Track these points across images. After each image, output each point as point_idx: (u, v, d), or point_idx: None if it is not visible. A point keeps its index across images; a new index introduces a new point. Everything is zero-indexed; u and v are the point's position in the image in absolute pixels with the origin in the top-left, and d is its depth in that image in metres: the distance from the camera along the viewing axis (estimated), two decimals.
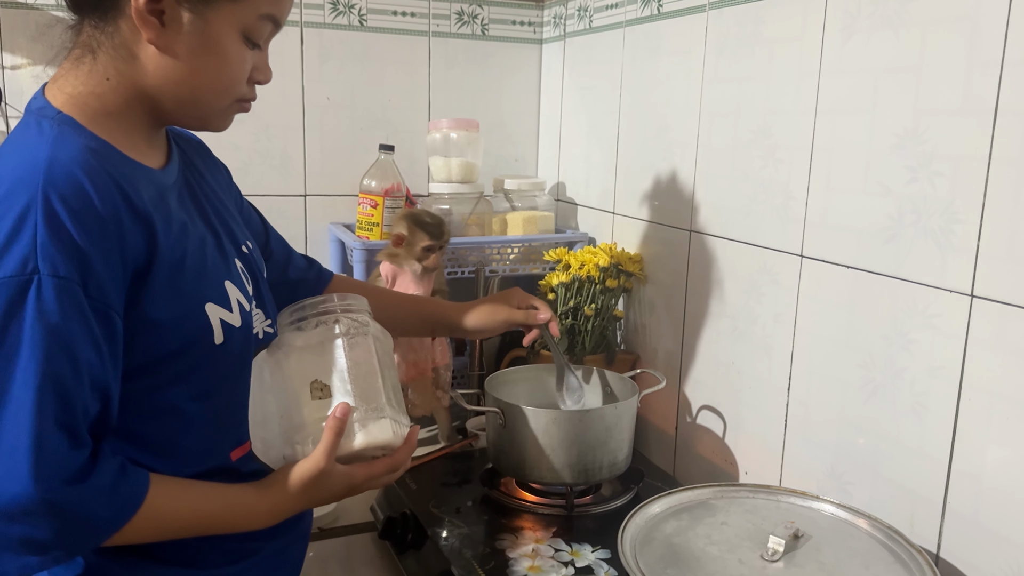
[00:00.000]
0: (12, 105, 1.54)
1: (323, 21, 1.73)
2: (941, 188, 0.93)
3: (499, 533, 1.09)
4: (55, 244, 0.65)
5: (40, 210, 0.65)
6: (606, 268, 1.48)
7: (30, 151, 0.70)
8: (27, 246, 0.64)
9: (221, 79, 0.78)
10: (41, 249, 0.65)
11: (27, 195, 0.66)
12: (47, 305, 0.65)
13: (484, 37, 1.86)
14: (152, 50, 0.74)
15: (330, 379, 0.86)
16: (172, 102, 0.77)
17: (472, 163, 1.69)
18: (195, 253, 0.78)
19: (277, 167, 1.74)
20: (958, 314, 0.92)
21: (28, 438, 0.64)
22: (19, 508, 0.64)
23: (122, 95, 0.76)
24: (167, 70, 0.75)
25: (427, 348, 1.46)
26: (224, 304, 0.79)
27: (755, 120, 1.21)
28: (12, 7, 1.52)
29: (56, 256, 0.65)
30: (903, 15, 0.97)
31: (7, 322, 0.64)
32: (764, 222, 1.21)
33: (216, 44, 0.75)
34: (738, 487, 1.07)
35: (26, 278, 0.64)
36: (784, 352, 1.18)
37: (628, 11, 1.54)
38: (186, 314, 0.76)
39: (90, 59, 0.75)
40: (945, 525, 0.95)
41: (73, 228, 0.66)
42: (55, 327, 0.65)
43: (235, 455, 0.83)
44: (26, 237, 0.65)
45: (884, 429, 1.03)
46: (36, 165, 0.68)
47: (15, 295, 0.64)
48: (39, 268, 0.64)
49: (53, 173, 0.67)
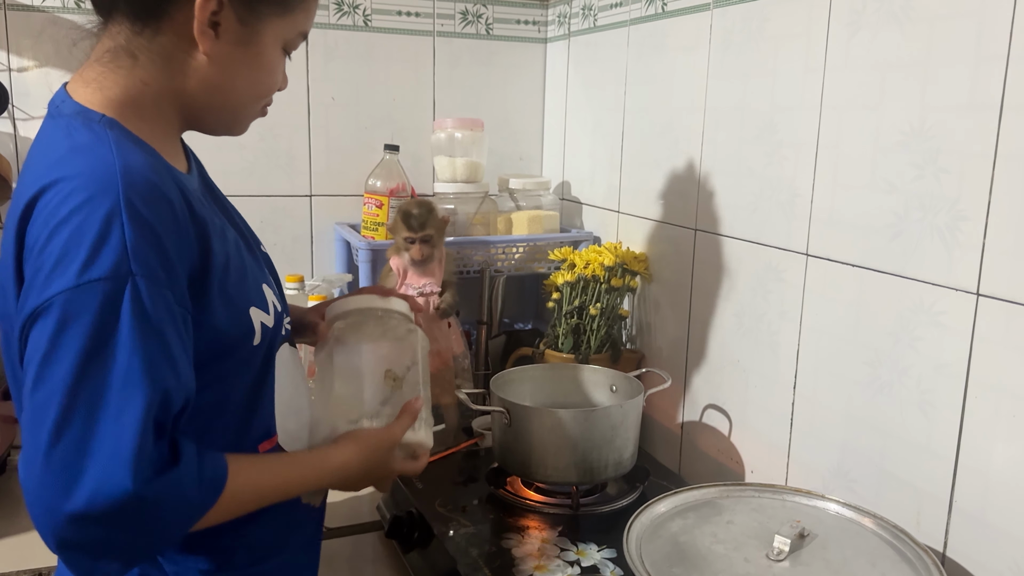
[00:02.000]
0: (19, 107, 1.55)
1: (328, 21, 1.73)
2: (947, 185, 0.93)
3: (505, 532, 1.10)
4: (144, 246, 0.65)
5: (125, 214, 0.65)
6: (611, 267, 1.48)
7: (96, 153, 0.69)
8: (118, 247, 0.64)
9: (260, 87, 0.81)
10: (132, 250, 0.64)
11: (110, 199, 0.65)
12: (143, 305, 0.64)
13: (488, 36, 1.86)
14: (199, 60, 0.75)
15: (404, 372, 0.90)
16: (208, 108, 0.79)
17: (477, 162, 1.69)
18: (236, 257, 0.79)
19: (283, 167, 1.75)
20: (964, 312, 0.92)
21: (131, 439, 0.63)
22: (118, 509, 0.63)
23: (156, 100, 0.76)
24: (211, 78, 0.76)
25: (448, 337, 1.46)
26: (263, 307, 0.81)
27: (760, 117, 1.21)
28: (18, 9, 1.53)
29: (147, 257, 0.65)
30: (908, 11, 0.96)
31: (105, 323, 0.64)
32: (770, 220, 1.20)
33: (262, 55, 0.79)
34: (744, 486, 1.06)
35: (121, 279, 0.64)
36: (790, 350, 1.18)
37: (632, 10, 1.54)
38: (235, 318, 0.77)
39: (129, 63, 0.75)
40: (952, 523, 0.95)
41: (159, 231, 0.66)
42: (153, 326, 0.65)
43: (262, 448, 0.84)
44: (115, 239, 0.64)
45: (890, 427, 1.02)
46: (111, 168, 0.67)
47: (111, 295, 0.64)
48: (132, 269, 0.64)
49: (132, 178, 0.67)
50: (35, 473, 0.63)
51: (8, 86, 1.51)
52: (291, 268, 1.73)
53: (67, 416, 0.62)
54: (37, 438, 0.63)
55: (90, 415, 0.63)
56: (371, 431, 0.85)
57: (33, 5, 1.53)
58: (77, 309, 0.63)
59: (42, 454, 0.62)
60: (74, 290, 0.63)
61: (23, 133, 1.56)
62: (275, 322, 0.83)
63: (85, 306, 0.63)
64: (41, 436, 0.63)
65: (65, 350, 0.63)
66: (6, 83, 1.51)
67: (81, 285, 0.63)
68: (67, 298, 0.63)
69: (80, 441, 0.62)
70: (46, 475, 0.62)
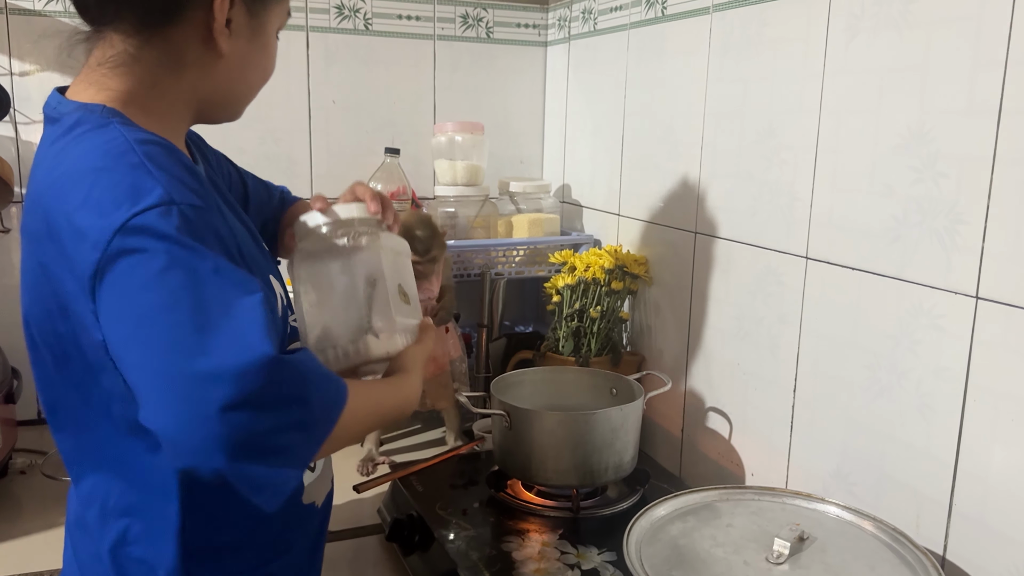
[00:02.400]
0: (21, 111, 1.55)
1: (328, 25, 1.73)
2: (946, 189, 0.93)
3: (505, 535, 1.10)
4: (178, 184, 0.65)
5: (150, 164, 0.65)
6: (611, 270, 1.48)
7: (105, 133, 0.68)
8: (156, 186, 0.63)
9: (265, 75, 0.82)
10: (170, 186, 0.64)
11: (129, 158, 0.65)
12: (199, 227, 0.64)
13: (489, 40, 1.87)
14: (212, 58, 0.75)
15: (408, 287, 0.86)
16: (221, 102, 0.80)
17: (477, 166, 1.70)
18: (247, 247, 0.79)
19: (283, 170, 1.75)
20: (963, 315, 0.92)
21: (259, 317, 0.61)
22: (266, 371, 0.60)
23: (166, 101, 0.76)
24: (224, 74, 0.77)
25: (445, 342, 1.46)
26: (270, 296, 0.80)
27: (760, 121, 1.21)
28: (20, 13, 1.53)
29: (184, 191, 0.65)
30: (907, 16, 0.96)
31: (172, 247, 0.62)
32: (769, 223, 1.21)
33: (268, 44, 0.80)
34: (743, 489, 1.07)
35: (170, 205, 0.63)
36: (790, 353, 1.18)
37: (632, 13, 1.54)
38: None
39: (133, 68, 0.74)
40: (951, 527, 0.95)
41: (186, 178, 0.67)
42: (212, 244, 0.65)
43: None
44: (150, 182, 0.64)
45: (890, 430, 1.02)
46: (122, 140, 0.67)
47: (172, 215, 0.62)
48: (175, 199, 0.63)
49: (147, 148, 0.67)
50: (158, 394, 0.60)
51: (10, 90, 1.52)
52: None
53: (198, 308, 0.60)
54: (169, 355, 0.60)
55: (212, 311, 0.61)
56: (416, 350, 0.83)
57: (35, 9, 1.54)
58: (140, 239, 0.61)
59: (181, 354, 0.59)
60: (128, 227, 0.61)
61: (24, 137, 1.56)
62: (283, 315, 0.82)
63: (145, 236, 0.61)
64: (178, 341, 0.60)
65: (142, 283, 0.61)
66: (7, 87, 1.51)
67: (138, 214, 0.62)
68: (122, 237, 0.61)
69: (205, 332, 0.60)
70: (190, 380, 0.59)
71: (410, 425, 1.63)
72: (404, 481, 1.25)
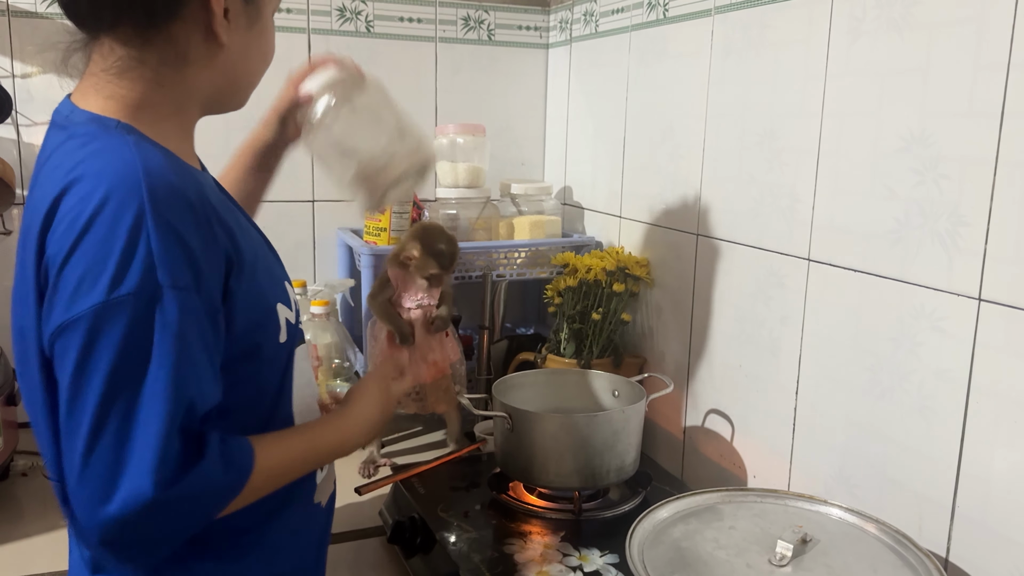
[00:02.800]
0: (23, 113, 1.56)
1: (330, 27, 1.74)
2: (948, 191, 0.93)
3: (507, 537, 1.10)
4: (171, 254, 0.65)
5: (151, 220, 0.65)
6: (613, 272, 1.48)
7: (117, 154, 0.68)
8: (145, 259, 0.64)
9: (266, 59, 0.83)
10: (159, 260, 0.65)
11: (134, 203, 0.65)
12: (172, 316, 0.65)
13: (490, 42, 1.87)
14: (214, 50, 0.75)
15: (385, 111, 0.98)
16: (225, 92, 0.80)
17: (479, 168, 1.70)
18: (263, 254, 0.80)
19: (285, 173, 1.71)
20: (966, 317, 0.92)
21: (155, 448, 0.64)
22: (146, 514, 0.64)
23: (174, 99, 0.76)
24: (228, 65, 0.77)
25: (444, 346, 1.46)
26: (287, 303, 0.82)
27: (761, 123, 1.21)
28: (23, 16, 1.53)
29: (175, 266, 0.65)
30: (908, 18, 0.97)
31: (134, 338, 0.64)
32: (771, 225, 1.21)
33: (266, 29, 0.81)
34: (746, 491, 1.07)
35: (150, 292, 0.64)
36: (792, 355, 1.18)
37: (634, 15, 1.54)
38: (264, 316, 0.77)
39: (139, 70, 0.73)
40: (954, 529, 0.95)
41: (184, 236, 0.66)
42: (181, 337, 0.65)
43: None
44: (142, 250, 0.64)
45: (892, 432, 1.02)
46: (133, 169, 0.67)
47: (141, 310, 0.64)
48: (160, 281, 0.65)
49: (154, 181, 0.66)
50: (74, 481, 0.65)
51: (12, 92, 1.52)
52: (293, 273, 1.73)
53: (99, 429, 0.64)
54: (73, 449, 0.65)
55: (120, 427, 0.64)
56: (370, 377, 0.93)
57: (37, 12, 1.54)
58: (107, 325, 0.64)
59: (79, 464, 0.64)
60: (103, 306, 0.64)
61: (26, 139, 1.57)
62: (296, 319, 0.84)
63: (115, 322, 0.64)
64: (77, 446, 0.65)
65: (96, 365, 0.64)
66: (9, 89, 1.51)
67: (110, 301, 0.64)
68: (97, 314, 0.64)
69: (111, 452, 0.64)
70: (83, 484, 0.65)
71: (411, 427, 1.63)
72: (406, 483, 1.25)
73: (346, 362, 1.62)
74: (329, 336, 1.61)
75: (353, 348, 1.65)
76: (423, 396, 1.46)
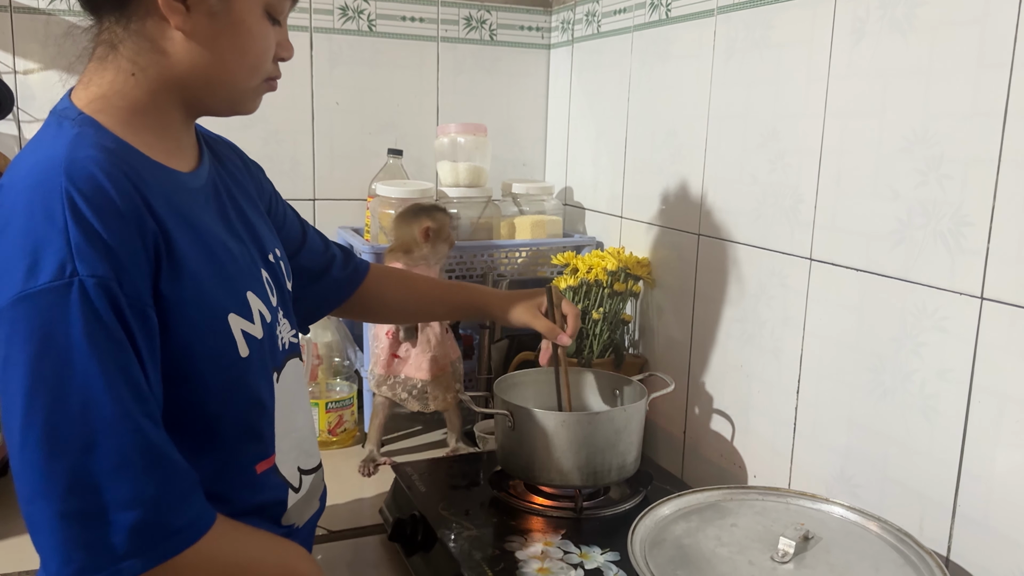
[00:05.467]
0: (24, 110, 1.55)
1: (333, 26, 1.74)
2: (951, 191, 0.93)
3: (508, 535, 1.10)
4: (88, 244, 0.64)
5: (67, 210, 0.64)
6: (614, 272, 1.48)
7: (47, 151, 0.69)
8: (61, 249, 0.64)
9: (249, 58, 0.78)
10: (76, 252, 0.64)
11: (50, 196, 0.65)
12: (94, 305, 0.64)
13: (492, 42, 1.87)
14: (179, 37, 0.74)
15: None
16: (202, 88, 0.78)
17: (480, 167, 1.70)
18: (217, 261, 0.77)
19: (287, 171, 1.75)
20: (968, 317, 0.92)
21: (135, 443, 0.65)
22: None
23: (149, 89, 0.75)
24: (195, 55, 0.75)
25: (444, 344, 1.46)
26: (246, 315, 0.79)
27: (764, 123, 1.22)
28: (25, 12, 1.53)
29: (91, 256, 0.64)
30: (912, 19, 0.97)
31: (53, 327, 0.63)
32: (773, 225, 1.21)
33: (241, 23, 0.76)
34: (747, 489, 1.07)
35: (66, 282, 0.63)
36: (793, 355, 1.18)
37: (636, 16, 1.54)
38: (209, 325, 0.75)
39: (113, 57, 0.75)
40: (955, 528, 0.95)
41: (100, 226, 0.65)
42: (104, 326, 0.64)
43: (260, 468, 0.83)
44: (57, 242, 0.64)
45: (894, 432, 1.02)
46: (55, 165, 0.67)
47: (58, 300, 0.63)
48: (77, 270, 0.64)
49: (73, 172, 0.66)
50: (15, 470, 0.65)
51: (13, 88, 1.52)
52: None
53: (27, 421, 0.64)
54: (11, 439, 0.65)
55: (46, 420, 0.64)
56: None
57: (39, 8, 1.54)
58: (24, 318, 0.63)
59: (16, 457, 0.65)
60: (19, 297, 0.63)
61: (27, 135, 1.57)
62: (265, 334, 0.81)
63: (31, 314, 0.63)
64: (13, 438, 0.65)
65: (17, 357, 0.64)
66: (11, 85, 1.51)
67: (26, 292, 0.63)
68: (13, 306, 0.63)
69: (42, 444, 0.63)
70: (20, 475, 0.65)
71: (411, 427, 1.63)
72: (406, 481, 1.25)
73: (346, 360, 1.62)
74: (329, 334, 1.61)
75: (353, 347, 1.65)
76: (427, 393, 1.46)
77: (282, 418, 0.85)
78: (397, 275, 1.24)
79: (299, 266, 1.02)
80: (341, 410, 1.53)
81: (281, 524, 0.86)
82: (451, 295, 1.21)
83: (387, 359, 1.45)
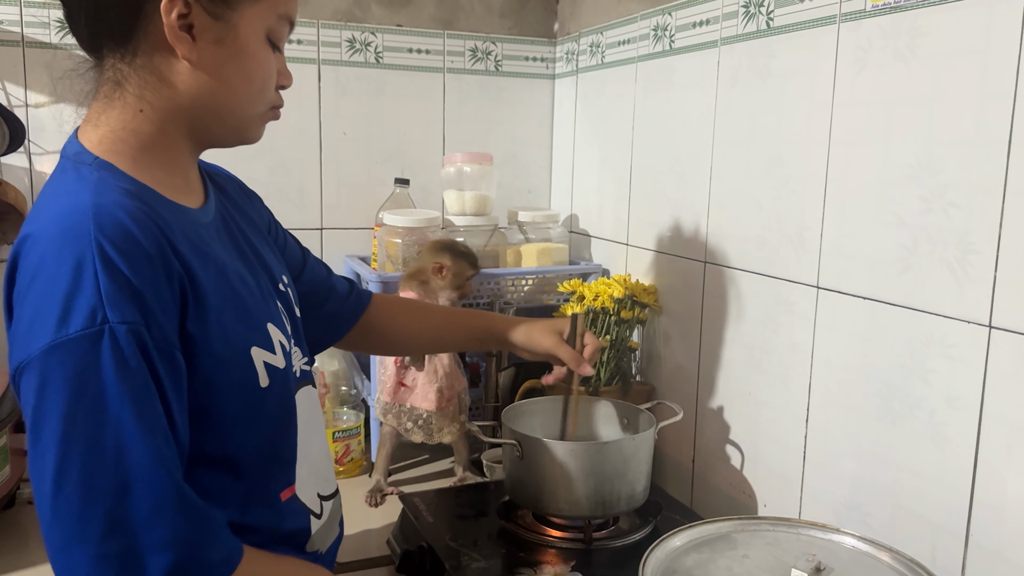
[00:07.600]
0: (35, 142, 1.57)
1: (340, 58, 1.76)
2: (956, 218, 0.93)
3: (517, 566, 1.09)
4: (118, 290, 0.65)
5: (97, 259, 0.65)
6: (621, 299, 1.49)
7: (72, 198, 0.69)
8: (92, 296, 0.64)
9: (255, 84, 0.79)
10: (106, 299, 0.64)
11: (80, 244, 0.66)
12: (125, 352, 0.65)
13: (497, 73, 1.89)
14: (184, 68, 0.75)
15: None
16: (210, 117, 0.78)
17: (486, 196, 1.71)
18: (237, 295, 0.78)
19: (294, 200, 1.76)
20: (976, 344, 0.92)
21: (169, 487, 0.66)
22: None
23: (157, 124, 0.76)
24: (202, 84, 0.76)
25: (452, 374, 1.46)
26: (268, 347, 0.80)
27: (768, 151, 1.22)
28: (36, 46, 1.56)
29: (121, 301, 0.65)
30: (914, 48, 0.98)
31: (87, 376, 0.64)
32: (779, 253, 1.21)
33: (245, 49, 0.77)
34: (759, 520, 1.06)
35: (97, 329, 0.64)
36: (801, 383, 1.18)
37: (640, 47, 1.56)
38: (233, 359, 0.75)
39: (119, 94, 0.75)
40: (968, 557, 0.94)
41: (129, 272, 0.66)
42: (135, 372, 0.65)
43: (284, 495, 0.83)
44: (88, 289, 0.64)
45: (903, 460, 1.02)
46: (83, 212, 0.67)
47: (90, 348, 0.64)
48: (108, 317, 0.64)
49: (101, 219, 0.67)
50: (46, 517, 0.65)
51: (25, 121, 1.54)
52: None
53: (63, 468, 0.64)
54: (41, 487, 0.65)
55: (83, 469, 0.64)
56: None
57: (50, 43, 1.56)
58: (58, 367, 0.64)
59: (48, 504, 0.65)
60: (52, 347, 0.64)
61: (38, 168, 1.58)
62: (286, 364, 0.82)
63: (64, 362, 0.64)
64: (44, 486, 0.65)
65: (51, 405, 0.64)
66: (23, 118, 1.53)
67: (58, 341, 0.64)
68: (46, 355, 0.64)
69: (77, 495, 0.64)
70: (54, 522, 0.65)
71: (418, 456, 1.62)
72: (414, 511, 1.24)
73: (353, 389, 1.62)
74: (336, 363, 1.61)
75: (360, 375, 1.64)
76: (432, 423, 1.46)
77: (300, 445, 0.85)
78: (408, 304, 1.24)
79: (300, 293, 1.02)
80: (348, 439, 1.53)
81: (306, 551, 0.86)
82: (468, 321, 1.20)
83: (393, 387, 1.45)
